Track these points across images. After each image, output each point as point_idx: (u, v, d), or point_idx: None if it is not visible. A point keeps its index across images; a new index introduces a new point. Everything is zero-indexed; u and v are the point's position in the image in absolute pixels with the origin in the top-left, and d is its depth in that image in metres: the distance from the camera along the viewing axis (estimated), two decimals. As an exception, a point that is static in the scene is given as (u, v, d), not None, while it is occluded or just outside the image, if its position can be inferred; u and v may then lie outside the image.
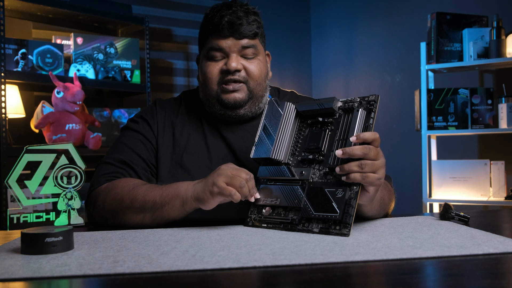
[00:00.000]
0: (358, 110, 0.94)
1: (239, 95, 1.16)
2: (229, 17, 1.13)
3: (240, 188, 0.93)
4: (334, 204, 0.89)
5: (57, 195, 0.98)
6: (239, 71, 1.15)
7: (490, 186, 2.62)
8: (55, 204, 0.98)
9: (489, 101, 2.66)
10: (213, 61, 1.16)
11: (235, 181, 0.93)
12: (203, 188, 0.96)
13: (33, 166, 0.97)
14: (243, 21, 1.14)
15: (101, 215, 1.08)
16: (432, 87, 2.84)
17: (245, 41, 1.15)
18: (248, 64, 1.16)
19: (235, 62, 1.14)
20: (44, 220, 0.99)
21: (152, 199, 1.01)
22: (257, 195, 0.99)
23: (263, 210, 0.99)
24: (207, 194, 0.95)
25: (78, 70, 2.55)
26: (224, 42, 1.14)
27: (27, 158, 0.96)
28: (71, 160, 1.00)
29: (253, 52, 1.17)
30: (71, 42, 2.61)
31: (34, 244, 0.76)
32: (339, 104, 1.00)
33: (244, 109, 1.18)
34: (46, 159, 0.97)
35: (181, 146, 1.19)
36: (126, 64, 2.77)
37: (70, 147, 0.99)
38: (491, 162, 2.62)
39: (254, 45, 1.17)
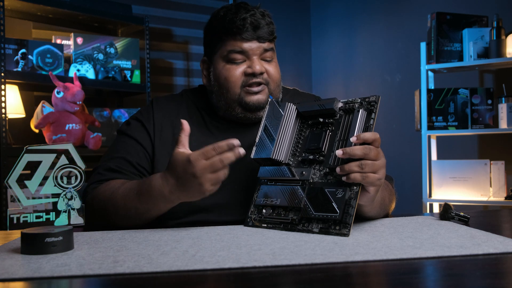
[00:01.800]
0: (358, 111, 0.94)
1: (262, 97, 1.15)
2: (250, 19, 1.12)
3: (222, 166, 0.91)
4: (334, 204, 0.89)
5: (57, 195, 0.98)
6: (262, 73, 1.15)
7: (490, 186, 2.62)
8: (55, 204, 0.98)
9: (489, 101, 2.66)
10: (234, 64, 1.14)
11: (214, 168, 0.90)
12: (192, 195, 0.94)
13: (33, 166, 0.97)
14: (263, 23, 1.13)
15: (95, 223, 1.09)
16: (432, 87, 2.84)
17: (266, 44, 1.15)
18: (268, 67, 1.16)
19: (259, 65, 1.13)
20: (44, 220, 0.99)
21: (133, 206, 1.00)
22: (242, 150, 0.93)
23: (263, 210, 0.99)
24: (200, 196, 0.94)
25: (78, 70, 2.55)
26: (247, 45, 1.13)
27: (27, 158, 0.96)
28: (71, 160, 1.00)
29: (271, 55, 1.17)
30: (71, 42, 2.61)
31: (34, 244, 0.76)
32: (340, 104, 1.00)
33: (264, 111, 1.17)
34: (46, 159, 0.97)
35: None
36: (126, 64, 2.77)
37: (70, 147, 0.99)
38: (491, 162, 2.62)
39: (272, 48, 1.17)
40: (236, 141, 0.91)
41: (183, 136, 0.96)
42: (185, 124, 0.98)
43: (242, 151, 0.92)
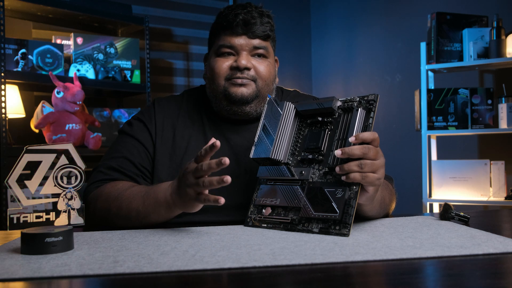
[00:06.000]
0: (357, 110, 0.94)
1: (247, 90, 1.15)
2: (243, 16, 1.14)
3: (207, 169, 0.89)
4: (333, 204, 0.89)
5: (57, 195, 0.98)
6: (248, 69, 1.15)
7: (490, 186, 2.62)
8: (55, 204, 0.98)
9: (489, 101, 2.66)
10: (223, 57, 1.16)
11: (198, 172, 0.90)
12: (184, 200, 0.93)
13: (33, 166, 0.97)
14: (257, 21, 1.14)
15: (95, 222, 1.09)
16: (432, 87, 2.84)
17: (257, 41, 1.15)
18: (258, 64, 1.16)
19: (245, 59, 1.14)
20: (44, 220, 0.98)
21: (135, 208, 1.01)
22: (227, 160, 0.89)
23: (263, 210, 0.99)
24: (189, 200, 0.93)
25: (78, 70, 2.55)
26: (236, 40, 1.14)
27: (27, 158, 0.96)
28: (71, 160, 1.00)
29: (263, 53, 1.17)
30: (71, 42, 2.61)
31: (34, 244, 0.76)
32: (339, 103, 1.00)
33: (250, 106, 1.17)
34: (46, 159, 0.97)
35: (182, 148, 1.18)
36: (126, 64, 2.77)
37: (70, 147, 0.99)
38: (491, 162, 2.62)
39: (265, 46, 1.17)
40: (217, 142, 0.89)
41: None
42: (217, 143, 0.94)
43: (227, 161, 0.88)
